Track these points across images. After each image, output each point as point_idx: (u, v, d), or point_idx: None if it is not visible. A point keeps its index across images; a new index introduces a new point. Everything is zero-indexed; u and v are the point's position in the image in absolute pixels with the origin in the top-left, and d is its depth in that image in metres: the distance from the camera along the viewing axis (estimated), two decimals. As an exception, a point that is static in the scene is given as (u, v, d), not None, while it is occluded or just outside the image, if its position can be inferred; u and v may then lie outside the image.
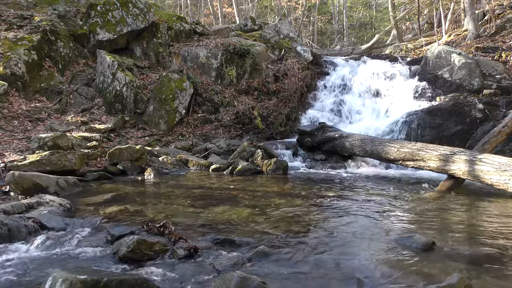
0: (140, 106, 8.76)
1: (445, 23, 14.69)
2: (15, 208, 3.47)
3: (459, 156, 4.98)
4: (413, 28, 19.99)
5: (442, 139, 7.28)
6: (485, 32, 11.90)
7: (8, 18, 8.92)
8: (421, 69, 10.10)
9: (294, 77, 10.50)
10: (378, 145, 6.27)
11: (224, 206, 3.92)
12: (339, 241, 2.90)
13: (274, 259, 2.54)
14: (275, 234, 3.03)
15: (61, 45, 9.01)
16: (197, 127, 8.99)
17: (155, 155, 6.64)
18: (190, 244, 2.66)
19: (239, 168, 6.10)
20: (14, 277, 2.32)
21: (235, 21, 20.45)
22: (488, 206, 4.20)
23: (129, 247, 2.53)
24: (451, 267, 2.38)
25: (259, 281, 2.05)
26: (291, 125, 9.47)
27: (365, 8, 29.44)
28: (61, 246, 2.83)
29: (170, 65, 10.55)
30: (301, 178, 5.95)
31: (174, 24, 11.34)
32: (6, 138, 6.47)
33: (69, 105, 8.35)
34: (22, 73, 8.01)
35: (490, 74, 8.99)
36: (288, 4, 25.21)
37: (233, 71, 10.39)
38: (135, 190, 4.79)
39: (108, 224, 3.21)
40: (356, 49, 19.93)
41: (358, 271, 2.34)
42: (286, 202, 4.16)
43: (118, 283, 1.94)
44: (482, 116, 7.60)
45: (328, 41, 28.50)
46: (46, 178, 4.51)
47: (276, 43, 12.35)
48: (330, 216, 3.66)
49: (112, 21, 9.82)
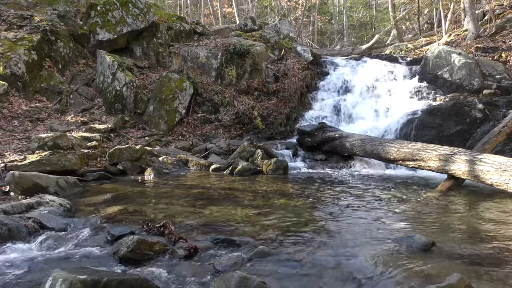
0: (140, 106, 8.76)
1: (445, 23, 14.69)
2: (15, 208, 3.46)
3: (459, 156, 4.98)
4: (413, 28, 19.99)
5: (442, 139, 7.28)
6: (485, 32, 11.90)
7: (8, 18, 8.91)
8: (421, 69, 10.10)
9: (294, 77, 10.50)
10: (378, 145, 6.27)
11: (224, 206, 3.92)
12: (339, 241, 2.90)
13: (274, 259, 2.53)
14: (275, 234, 3.03)
15: (61, 45, 9.01)
16: (197, 127, 8.99)
17: (155, 155, 6.64)
18: (190, 244, 2.66)
19: (239, 168, 6.10)
20: (14, 277, 2.32)
21: (235, 21, 20.44)
22: (488, 206, 4.20)
23: (129, 247, 2.52)
24: (451, 267, 2.38)
25: (259, 281, 2.05)
26: (291, 125, 9.47)
27: (365, 8, 29.44)
28: (61, 246, 2.83)
29: (170, 65, 10.55)
30: (301, 178, 5.95)
31: (174, 24, 11.34)
32: (6, 138, 6.47)
33: (69, 105, 8.35)
34: (22, 73, 8.01)
35: (490, 74, 8.99)
36: (288, 4, 25.20)
37: (233, 71, 10.39)
38: (135, 190, 4.79)
39: (108, 224, 3.20)
40: (356, 49, 19.93)
41: (358, 271, 2.34)
42: (286, 202, 4.16)
43: (118, 283, 1.94)
44: (482, 116, 7.60)
45: (328, 41, 28.50)
46: (46, 178, 4.51)
47: (276, 43, 12.35)
48: (330, 216, 3.66)
49: (112, 21, 9.82)
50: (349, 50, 19.60)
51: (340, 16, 28.28)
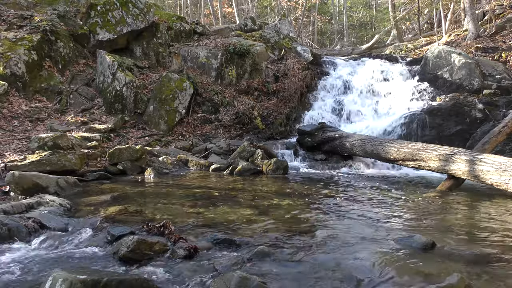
0: (140, 106, 8.76)
1: (445, 23, 14.69)
2: (15, 208, 3.47)
3: (459, 156, 4.98)
4: (413, 28, 20.00)
5: (442, 139, 7.29)
6: (485, 32, 11.90)
7: (8, 18, 8.91)
8: (421, 69, 10.10)
9: (294, 77, 10.50)
10: (378, 145, 6.27)
11: (224, 206, 3.92)
12: (339, 241, 2.90)
13: (274, 259, 2.53)
14: (275, 234, 3.03)
15: (61, 45, 9.00)
16: (197, 127, 8.99)
17: (155, 155, 6.64)
18: (190, 244, 2.66)
19: (239, 168, 6.09)
20: (14, 277, 2.32)
21: (235, 21, 20.44)
22: (488, 206, 4.20)
23: (129, 247, 2.52)
24: (451, 267, 2.38)
25: (259, 281, 2.05)
26: (291, 125, 9.47)
27: (365, 8, 29.44)
28: (61, 246, 2.84)
29: (170, 65, 10.55)
30: (301, 178, 5.95)
31: (174, 24, 11.34)
32: (6, 138, 6.47)
33: (69, 105, 8.34)
34: (22, 73, 8.01)
35: (490, 74, 8.99)
36: (288, 4, 25.20)
37: (233, 71, 10.39)
38: (135, 190, 4.79)
39: (108, 224, 3.20)
40: (356, 49, 19.93)
41: (358, 271, 2.34)
42: (286, 202, 4.16)
43: (118, 283, 1.94)
44: (482, 116, 7.60)
45: (328, 41, 28.50)
46: (46, 178, 4.51)
47: (276, 43, 12.35)
48: (330, 216, 3.66)
49: (112, 21, 9.82)
50: (349, 50, 19.60)
51: (340, 16, 28.28)
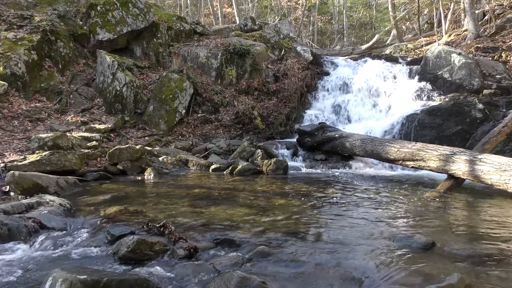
0: (140, 106, 8.76)
1: (445, 23, 14.69)
2: (15, 208, 3.47)
3: (459, 156, 4.98)
4: (413, 28, 19.99)
5: (442, 139, 7.28)
6: (485, 32, 11.89)
7: (8, 18, 8.91)
8: (421, 69, 10.10)
9: (294, 77, 10.49)
10: (378, 145, 6.27)
11: (224, 206, 3.92)
12: (339, 241, 2.90)
13: (274, 259, 2.54)
14: (275, 234, 3.03)
15: (61, 45, 9.01)
16: (197, 127, 8.99)
17: (155, 155, 6.63)
18: (190, 244, 2.66)
19: (239, 168, 6.09)
20: (14, 277, 2.32)
21: (235, 21, 20.45)
22: (488, 206, 4.20)
23: (129, 247, 2.53)
24: (451, 267, 2.38)
25: (259, 281, 2.05)
26: (291, 125, 9.47)
27: (365, 8, 29.42)
28: (61, 246, 2.84)
29: (170, 65, 10.55)
30: (301, 178, 5.95)
31: (174, 24, 11.35)
32: (6, 138, 6.47)
33: (69, 105, 8.35)
34: (22, 73, 8.01)
35: (490, 74, 8.99)
36: (288, 4, 25.21)
37: (233, 71, 10.39)
38: (135, 190, 4.79)
39: (108, 224, 3.20)
40: (356, 49, 19.91)
41: (358, 271, 2.34)
42: (286, 202, 4.16)
43: (118, 283, 1.94)
44: (482, 116, 7.59)
45: (328, 41, 28.49)
46: (46, 178, 4.51)
47: (276, 43, 12.35)
48: (330, 216, 3.66)
49: (112, 21, 9.82)
50: (349, 50, 19.58)
51: (340, 16, 28.26)
